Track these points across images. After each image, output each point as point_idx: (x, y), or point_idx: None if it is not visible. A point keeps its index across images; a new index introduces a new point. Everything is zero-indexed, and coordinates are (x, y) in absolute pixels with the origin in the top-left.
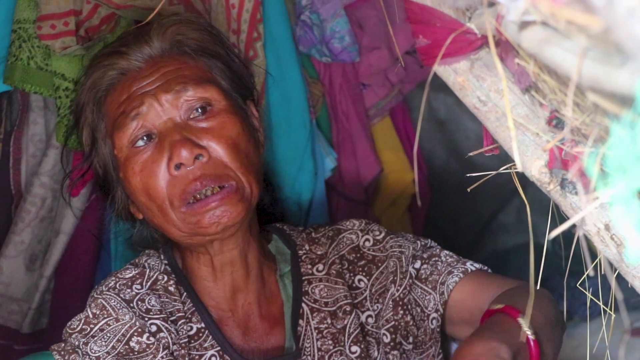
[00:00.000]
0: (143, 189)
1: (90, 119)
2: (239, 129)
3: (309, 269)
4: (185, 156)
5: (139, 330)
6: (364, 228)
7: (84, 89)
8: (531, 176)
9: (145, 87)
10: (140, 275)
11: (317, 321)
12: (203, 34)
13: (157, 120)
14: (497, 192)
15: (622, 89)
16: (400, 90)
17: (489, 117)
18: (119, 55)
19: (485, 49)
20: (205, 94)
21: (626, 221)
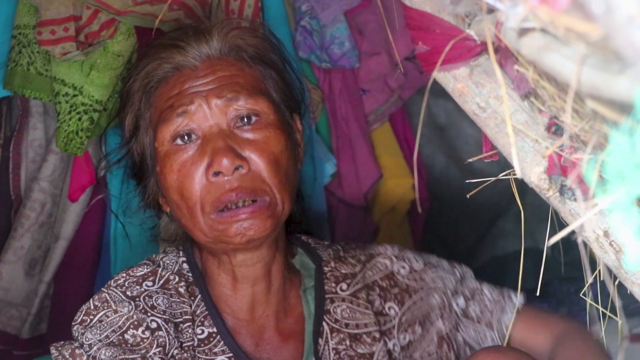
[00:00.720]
0: (177, 188)
1: (137, 106)
2: (283, 146)
3: (333, 287)
4: (225, 165)
5: (135, 323)
6: (398, 254)
7: (137, 76)
8: (530, 182)
9: (198, 87)
10: (153, 273)
11: (336, 342)
12: (262, 42)
13: (204, 122)
14: (496, 198)
15: (621, 96)
16: (400, 96)
17: (489, 124)
18: (177, 49)
19: (484, 55)
20: (256, 105)
21: (625, 228)
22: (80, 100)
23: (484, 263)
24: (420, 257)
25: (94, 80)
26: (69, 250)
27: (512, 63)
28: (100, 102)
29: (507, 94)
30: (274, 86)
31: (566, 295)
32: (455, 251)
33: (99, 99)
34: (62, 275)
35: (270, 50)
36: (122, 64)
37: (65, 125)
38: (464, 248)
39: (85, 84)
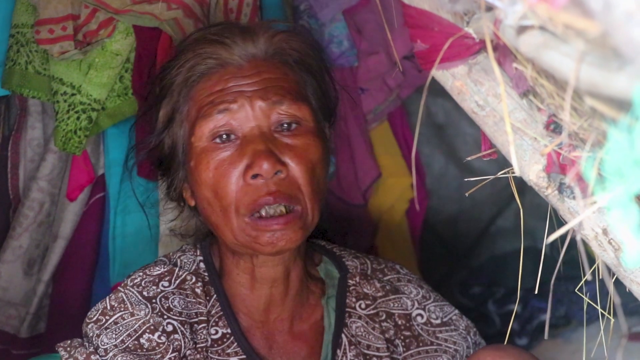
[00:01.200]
0: (212, 186)
1: (176, 99)
2: (320, 154)
3: (353, 302)
4: (266, 169)
5: (152, 328)
6: (420, 301)
7: (179, 69)
8: (529, 181)
9: (243, 87)
10: (169, 273)
11: (353, 354)
12: (306, 48)
13: (245, 123)
14: (495, 197)
15: (619, 94)
16: (399, 95)
17: (487, 122)
18: (223, 46)
19: (483, 53)
20: (298, 112)
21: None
22: (78, 99)
23: (482, 262)
24: (441, 311)
25: (92, 79)
26: (67, 250)
27: (510, 61)
28: (99, 101)
29: (506, 92)
30: (313, 93)
31: (565, 295)
32: (454, 250)
33: (98, 98)
34: (61, 274)
35: (312, 57)
36: (121, 63)
37: (63, 125)
38: (463, 247)
39: (83, 83)
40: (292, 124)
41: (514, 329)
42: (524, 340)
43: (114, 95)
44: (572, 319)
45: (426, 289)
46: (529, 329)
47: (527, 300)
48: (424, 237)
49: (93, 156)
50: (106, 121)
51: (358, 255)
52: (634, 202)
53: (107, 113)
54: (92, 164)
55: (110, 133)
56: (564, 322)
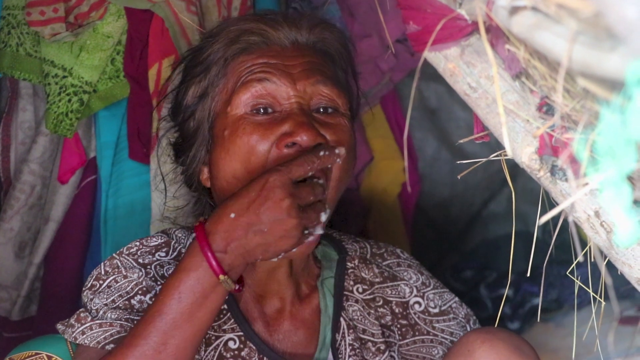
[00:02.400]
0: (246, 152)
1: (214, 73)
2: (353, 143)
3: (350, 286)
4: (306, 139)
5: (144, 289)
6: (420, 288)
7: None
8: (521, 163)
9: (288, 67)
10: (166, 244)
11: (352, 339)
12: (342, 47)
13: (285, 99)
14: (487, 181)
15: (612, 74)
16: (391, 79)
17: (479, 104)
18: (269, 25)
19: (475, 35)
20: (339, 98)
21: (616, 205)
22: (69, 81)
23: (474, 246)
24: (440, 299)
25: (84, 62)
26: (58, 232)
27: (503, 43)
28: (90, 84)
29: (498, 73)
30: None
31: (556, 279)
32: (446, 234)
33: (89, 80)
34: (52, 257)
35: (345, 58)
36: (112, 45)
37: (54, 107)
38: (455, 231)
39: (75, 65)
40: (329, 109)
41: (505, 313)
42: (515, 324)
43: (105, 77)
44: (564, 303)
45: (426, 276)
46: (521, 313)
47: (519, 285)
48: (416, 221)
49: (84, 139)
50: (98, 104)
51: (358, 240)
52: (626, 182)
53: (99, 95)
54: (84, 146)
55: (101, 116)
56: (555, 306)
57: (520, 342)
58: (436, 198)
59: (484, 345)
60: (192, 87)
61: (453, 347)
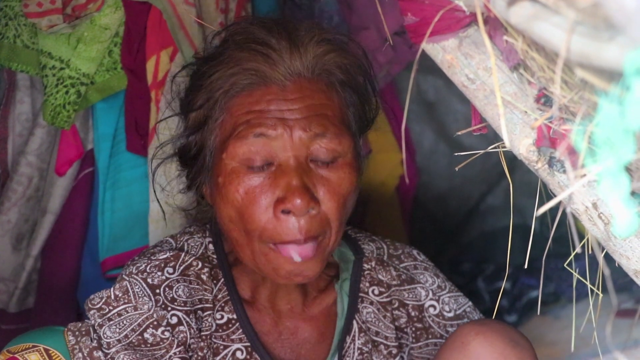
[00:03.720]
0: (239, 208)
1: (212, 106)
2: (353, 186)
3: (366, 287)
4: (299, 206)
5: (155, 323)
6: (435, 290)
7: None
8: (519, 155)
9: (285, 112)
10: (175, 258)
11: (362, 342)
12: (353, 64)
13: (282, 152)
14: (485, 174)
15: (610, 64)
16: (389, 71)
17: (477, 95)
18: (267, 61)
19: (473, 26)
20: (339, 146)
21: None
22: (67, 73)
23: (472, 239)
24: (455, 303)
25: (81, 54)
26: (56, 224)
27: (501, 34)
28: (88, 76)
29: (496, 65)
30: (354, 113)
31: (554, 272)
32: (444, 227)
33: (86, 72)
34: (50, 249)
35: (358, 72)
36: (110, 37)
37: (52, 99)
38: (453, 224)
39: (72, 57)
40: (329, 162)
41: (503, 306)
42: (513, 316)
43: (103, 69)
44: (562, 296)
45: (442, 279)
46: (518, 305)
47: (517, 277)
48: (414, 214)
49: (82, 131)
50: (95, 95)
51: (374, 239)
52: (624, 173)
53: (96, 87)
54: (81, 138)
55: (99, 107)
56: (553, 299)
57: (515, 334)
58: (434, 191)
59: (478, 337)
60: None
61: (447, 340)
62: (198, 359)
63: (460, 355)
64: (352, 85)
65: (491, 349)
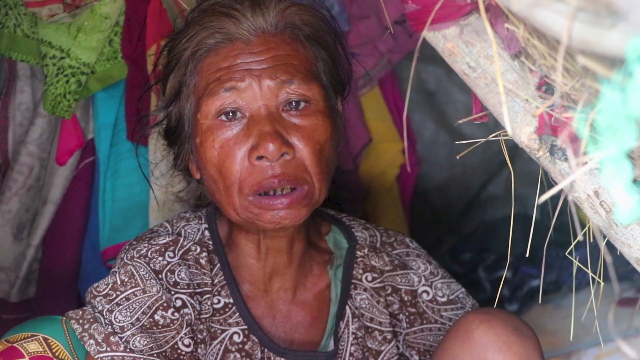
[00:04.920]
0: (217, 164)
1: (183, 72)
2: (328, 134)
3: (359, 274)
4: (272, 150)
5: (164, 305)
6: (428, 278)
7: (187, 43)
8: (520, 143)
9: (251, 64)
10: (174, 242)
11: (355, 327)
12: (319, 21)
13: (253, 102)
14: (486, 163)
15: (612, 51)
16: (389, 60)
17: (479, 83)
18: (231, 19)
19: (474, 14)
20: (308, 92)
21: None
22: (67, 62)
23: (473, 228)
24: (448, 289)
25: (81, 43)
26: (57, 214)
27: (502, 22)
28: (88, 65)
29: (498, 53)
30: (324, 68)
31: (555, 261)
32: (445, 216)
33: (87, 61)
34: (50, 238)
35: (325, 30)
36: (110, 27)
37: (52, 88)
38: (453, 213)
39: (72, 47)
40: (301, 103)
41: (504, 295)
42: (514, 306)
43: (103, 59)
44: (563, 285)
45: (434, 265)
46: (519, 294)
47: (518, 267)
48: (415, 203)
49: (82, 120)
50: (95, 85)
51: (368, 226)
52: (626, 160)
53: (97, 77)
54: (82, 128)
55: (99, 97)
56: (554, 288)
57: (519, 322)
58: (435, 180)
59: (482, 326)
60: (169, 82)
61: (451, 328)
62: (198, 341)
63: (464, 344)
64: (318, 40)
65: (495, 338)
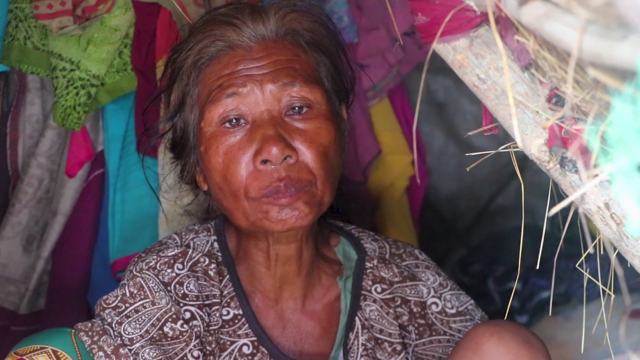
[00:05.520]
0: (222, 171)
1: (186, 82)
2: (332, 138)
3: (369, 285)
4: (275, 154)
5: (174, 317)
6: (437, 288)
7: (189, 52)
8: (531, 155)
9: (252, 69)
10: (183, 254)
11: (365, 338)
12: (319, 27)
13: (255, 107)
14: (495, 175)
15: (623, 63)
16: (399, 72)
17: (488, 95)
18: (232, 27)
19: (484, 26)
20: (310, 94)
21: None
22: (77, 74)
23: (482, 240)
24: (457, 300)
25: (91, 55)
26: (66, 226)
27: (512, 34)
28: (98, 77)
29: (508, 65)
30: (326, 74)
31: (565, 272)
32: (454, 228)
33: (97, 73)
34: (60, 250)
35: (326, 36)
36: (120, 39)
37: (62, 100)
38: (463, 225)
39: (82, 59)
40: (304, 108)
41: (514, 307)
42: (524, 317)
43: (113, 70)
44: (573, 297)
45: (443, 277)
46: (529, 306)
47: (527, 278)
48: (424, 214)
49: (92, 132)
50: (105, 97)
51: (377, 238)
52: (637, 172)
53: (106, 89)
54: (91, 140)
55: (109, 109)
56: (564, 300)
57: (529, 334)
58: (444, 192)
59: (492, 338)
60: (173, 93)
61: (461, 340)
62: (207, 352)
63: (474, 356)
64: (319, 45)
65: (505, 350)
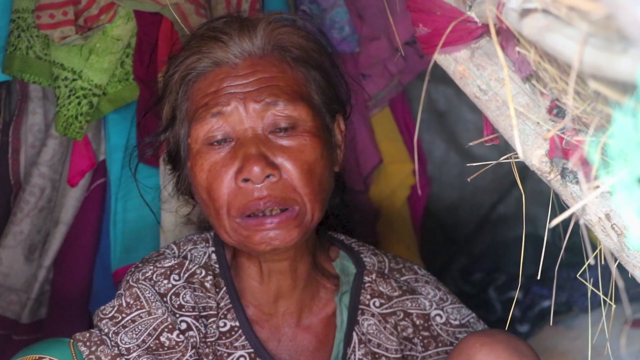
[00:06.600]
0: (206, 187)
1: (175, 97)
2: (318, 154)
3: (367, 300)
4: (255, 173)
5: (170, 327)
6: (438, 302)
7: (177, 68)
8: (531, 165)
9: (237, 87)
10: (179, 266)
11: (362, 353)
12: (308, 42)
13: (239, 125)
14: (496, 183)
15: (623, 76)
16: (400, 81)
17: (490, 106)
18: (218, 44)
19: (485, 37)
20: (294, 112)
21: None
22: (79, 84)
23: (483, 249)
24: (459, 314)
25: (93, 65)
26: (68, 235)
27: (513, 45)
28: (100, 87)
29: (509, 76)
30: (316, 89)
31: (566, 282)
32: (455, 237)
33: (98, 83)
34: (62, 260)
35: (316, 51)
36: (122, 48)
37: (64, 110)
38: (464, 233)
39: (84, 68)
40: (288, 128)
41: (515, 316)
42: (525, 327)
43: (115, 80)
44: (574, 306)
45: (444, 291)
46: (530, 315)
47: (529, 287)
48: (425, 223)
49: (94, 142)
50: (107, 106)
51: (377, 252)
52: (638, 184)
53: (108, 98)
54: (93, 149)
55: (111, 118)
56: (565, 309)
57: (520, 344)
58: (445, 201)
59: (483, 349)
60: (165, 106)
61: (453, 352)
62: None
63: None
64: (309, 61)
65: None
